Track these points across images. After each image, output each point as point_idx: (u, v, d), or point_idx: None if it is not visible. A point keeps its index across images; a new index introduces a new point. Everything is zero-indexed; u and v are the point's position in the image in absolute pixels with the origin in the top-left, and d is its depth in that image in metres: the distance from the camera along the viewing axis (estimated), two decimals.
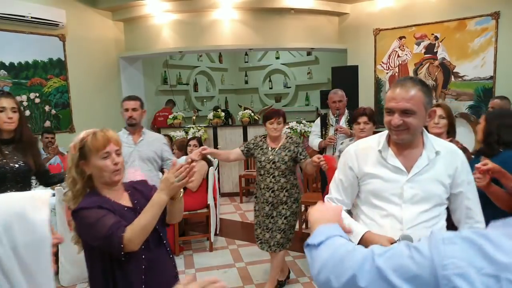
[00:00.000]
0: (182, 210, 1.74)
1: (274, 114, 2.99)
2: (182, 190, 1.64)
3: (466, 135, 4.18)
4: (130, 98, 3.07)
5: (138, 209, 1.56)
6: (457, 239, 0.70)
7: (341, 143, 3.28)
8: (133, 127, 3.04)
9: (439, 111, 2.44)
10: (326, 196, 1.71)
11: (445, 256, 0.68)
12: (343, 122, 3.88)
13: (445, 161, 1.52)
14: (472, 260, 0.66)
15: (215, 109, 6.83)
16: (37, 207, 0.89)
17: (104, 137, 1.54)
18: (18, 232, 0.84)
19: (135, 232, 1.45)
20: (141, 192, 1.69)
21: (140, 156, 3.02)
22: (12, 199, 0.91)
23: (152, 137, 3.16)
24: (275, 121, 2.98)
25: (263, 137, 3.14)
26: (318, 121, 4.08)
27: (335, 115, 3.89)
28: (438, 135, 2.26)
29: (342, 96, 3.88)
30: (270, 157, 3.02)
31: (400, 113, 1.43)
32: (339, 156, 2.09)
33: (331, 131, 3.90)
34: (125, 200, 1.62)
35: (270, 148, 3.05)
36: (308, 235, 1.07)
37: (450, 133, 2.48)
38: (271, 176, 3.03)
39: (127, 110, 3.00)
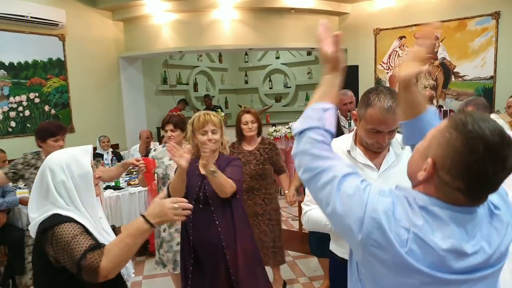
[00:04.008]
0: (224, 187, 2.01)
1: (59, 130, 2.71)
2: (213, 170, 1.96)
3: None
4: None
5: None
6: (390, 195, 0.88)
7: None
8: None
9: None
10: (303, 203, 1.69)
11: (378, 204, 0.86)
12: (353, 124, 3.82)
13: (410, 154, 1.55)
14: (396, 213, 0.85)
15: (215, 108, 6.82)
16: (84, 154, 1.43)
17: (204, 119, 2.13)
18: (74, 168, 1.38)
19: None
20: (223, 164, 2.13)
21: None
22: (72, 150, 1.45)
23: None
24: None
25: (36, 154, 2.82)
26: None
27: (347, 118, 3.72)
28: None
29: (351, 97, 3.73)
30: None
31: (388, 133, 1.46)
32: None
33: (344, 134, 3.83)
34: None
35: None
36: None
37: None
38: None
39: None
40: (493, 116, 3.07)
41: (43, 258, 1.31)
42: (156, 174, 3.00)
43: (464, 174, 0.80)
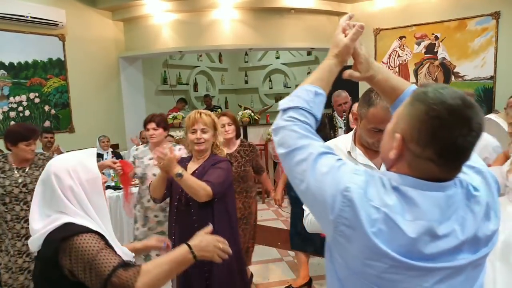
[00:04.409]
0: (194, 190, 1.96)
1: (32, 134, 2.59)
2: (178, 173, 1.94)
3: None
4: None
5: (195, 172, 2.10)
6: (365, 174, 0.87)
7: None
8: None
9: None
10: (304, 205, 1.68)
11: (351, 182, 0.84)
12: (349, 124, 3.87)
13: None
14: (368, 192, 0.83)
15: (215, 108, 6.82)
16: (89, 157, 1.35)
17: (193, 117, 2.13)
18: (81, 172, 1.29)
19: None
20: (211, 164, 2.11)
21: None
22: (76, 153, 1.37)
23: None
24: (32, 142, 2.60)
25: (3, 157, 2.65)
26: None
27: (343, 118, 3.85)
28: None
29: (346, 98, 3.89)
30: (19, 180, 2.56)
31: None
32: None
33: (340, 133, 3.88)
34: (195, 167, 2.16)
35: (15, 169, 2.59)
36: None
37: None
38: (22, 203, 2.55)
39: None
40: (492, 116, 3.06)
41: (57, 271, 1.20)
42: (135, 174, 3.01)
43: (433, 141, 0.80)
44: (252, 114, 6.34)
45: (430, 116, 0.79)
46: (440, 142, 0.79)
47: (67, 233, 1.20)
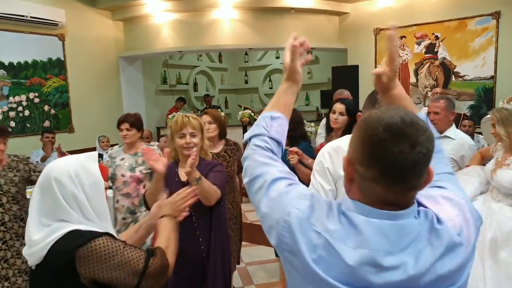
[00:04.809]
0: (209, 194, 1.91)
1: None
2: (198, 177, 1.85)
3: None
4: None
5: (185, 182, 1.96)
6: (311, 198, 0.85)
7: None
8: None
9: (340, 108, 2.61)
10: None
11: (293, 206, 0.84)
12: None
13: None
14: (312, 217, 0.81)
15: (214, 108, 6.81)
16: (91, 161, 1.28)
17: (181, 121, 2.02)
18: (84, 177, 1.22)
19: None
20: (204, 169, 2.01)
21: None
22: (77, 157, 1.30)
23: None
24: None
25: None
26: (323, 122, 3.97)
27: None
28: (337, 130, 2.68)
29: (348, 96, 3.82)
30: None
31: None
32: None
33: None
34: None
35: None
36: None
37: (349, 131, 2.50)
38: None
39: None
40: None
41: (73, 282, 1.14)
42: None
43: (373, 161, 0.76)
44: (252, 114, 6.33)
45: (368, 135, 0.77)
46: (379, 161, 0.76)
47: (80, 240, 1.15)
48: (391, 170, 0.76)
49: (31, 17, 4.92)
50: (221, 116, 3.15)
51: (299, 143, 2.79)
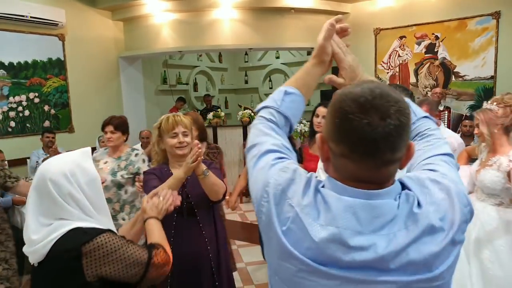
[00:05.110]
0: (217, 187, 1.91)
1: None
2: (204, 169, 1.85)
3: None
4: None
5: (185, 183, 1.92)
6: (293, 173, 0.84)
7: None
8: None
9: (323, 112, 2.62)
10: None
11: (274, 178, 0.84)
12: None
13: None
14: (289, 190, 0.81)
15: (214, 108, 6.81)
16: (85, 158, 1.29)
17: (174, 120, 1.96)
18: (80, 175, 1.23)
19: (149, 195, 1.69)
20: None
21: None
22: (70, 155, 1.30)
23: None
24: None
25: None
26: None
27: None
28: None
29: None
30: None
31: None
32: None
33: None
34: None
35: None
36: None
37: None
38: None
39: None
40: None
41: (78, 278, 1.15)
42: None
43: (342, 135, 0.75)
44: (252, 114, 6.33)
45: (336, 109, 0.76)
46: (348, 134, 0.74)
47: (85, 237, 1.16)
48: (360, 143, 0.73)
49: (31, 17, 4.92)
50: (201, 119, 3.05)
51: None
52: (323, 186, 0.82)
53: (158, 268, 1.27)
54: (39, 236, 1.17)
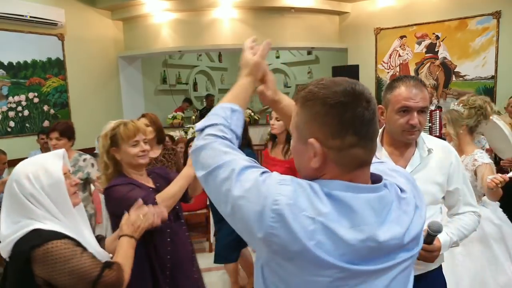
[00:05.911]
0: (198, 183, 1.82)
1: None
2: None
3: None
4: None
5: (160, 190, 1.78)
6: (292, 183, 0.79)
7: None
8: None
9: (275, 114, 2.56)
10: None
11: (278, 193, 0.77)
12: None
13: (438, 159, 1.53)
14: (299, 202, 0.76)
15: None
16: (54, 160, 1.30)
17: (134, 127, 1.79)
18: (43, 178, 1.25)
19: (164, 199, 1.69)
20: (161, 176, 1.92)
21: None
22: (40, 157, 1.33)
23: None
24: None
25: None
26: None
27: None
28: (279, 135, 2.62)
29: None
30: None
31: (417, 112, 1.45)
32: None
33: None
34: (149, 182, 1.86)
35: None
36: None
37: None
38: None
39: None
40: (493, 118, 3.09)
41: (31, 282, 1.18)
42: None
43: (345, 126, 0.78)
44: (252, 114, 6.33)
45: (330, 105, 0.79)
46: (351, 123, 0.78)
47: (36, 241, 1.17)
48: (363, 128, 0.79)
49: (30, 16, 4.90)
50: (158, 120, 2.96)
51: (243, 150, 2.66)
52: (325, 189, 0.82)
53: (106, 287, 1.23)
54: (8, 232, 1.22)
